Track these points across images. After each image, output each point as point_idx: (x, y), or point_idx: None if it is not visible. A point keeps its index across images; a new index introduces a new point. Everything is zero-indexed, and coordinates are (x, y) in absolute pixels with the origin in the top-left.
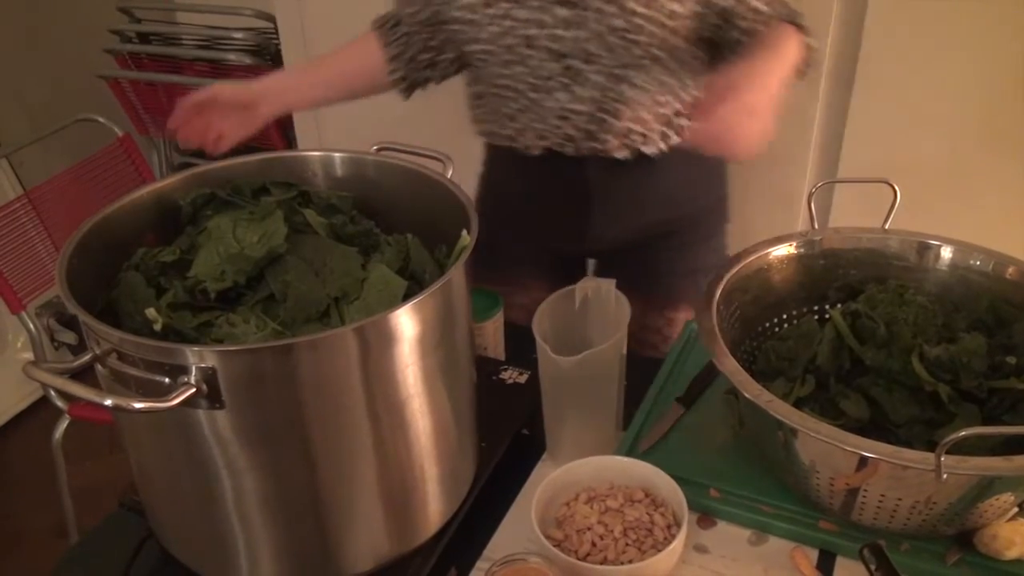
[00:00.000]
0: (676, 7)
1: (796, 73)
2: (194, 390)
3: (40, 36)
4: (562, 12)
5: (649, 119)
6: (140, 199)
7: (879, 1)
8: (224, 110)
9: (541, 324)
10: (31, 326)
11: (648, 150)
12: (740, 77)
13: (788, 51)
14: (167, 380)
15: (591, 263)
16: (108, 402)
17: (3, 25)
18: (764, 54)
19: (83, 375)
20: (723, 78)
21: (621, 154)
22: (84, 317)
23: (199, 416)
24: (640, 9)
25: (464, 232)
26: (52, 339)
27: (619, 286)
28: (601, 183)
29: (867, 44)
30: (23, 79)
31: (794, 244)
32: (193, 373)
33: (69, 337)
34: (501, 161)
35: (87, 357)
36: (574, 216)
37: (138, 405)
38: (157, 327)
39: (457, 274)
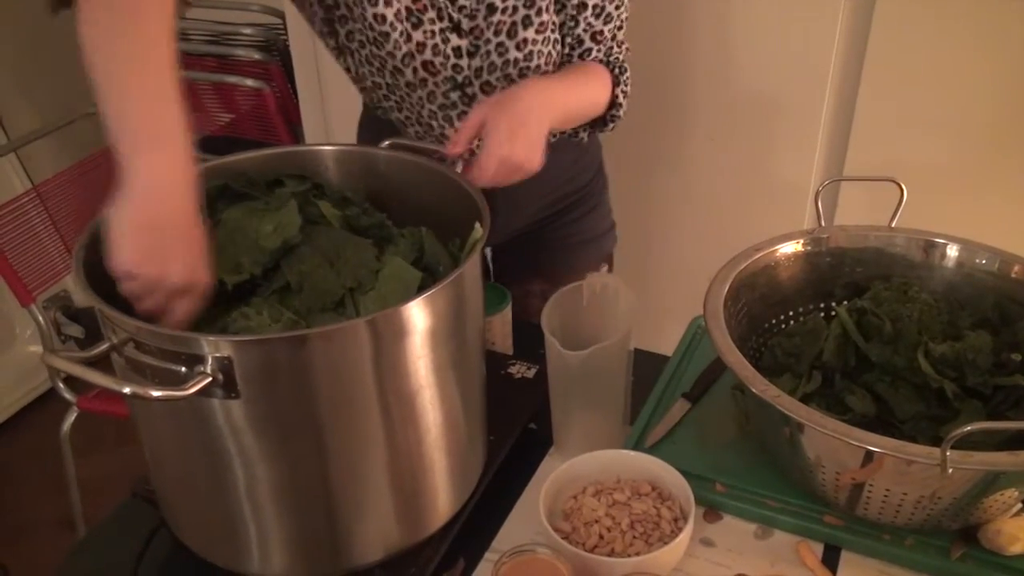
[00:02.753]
0: (560, 19)
1: (590, 118)
2: (210, 379)
3: (48, 30)
4: (457, 41)
5: None
6: None
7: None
8: None
9: (550, 319)
10: (40, 319)
11: None
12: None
13: (596, 87)
14: (183, 369)
15: (487, 251)
16: (127, 390)
17: (11, 19)
18: (569, 78)
19: (96, 365)
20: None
21: None
22: (101, 306)
23: (214, 405)
24: (533, 36)
25: (477, 224)
26: (59, 332)
27: (519, 268)
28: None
29: (874, 42)
30: (31, 73)
31: (801, 242)
32: (209, 363)
33: (75, 331)
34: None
35: (104, 346)
36: None
37: (155, 393)
38: None
39: (471, 267)
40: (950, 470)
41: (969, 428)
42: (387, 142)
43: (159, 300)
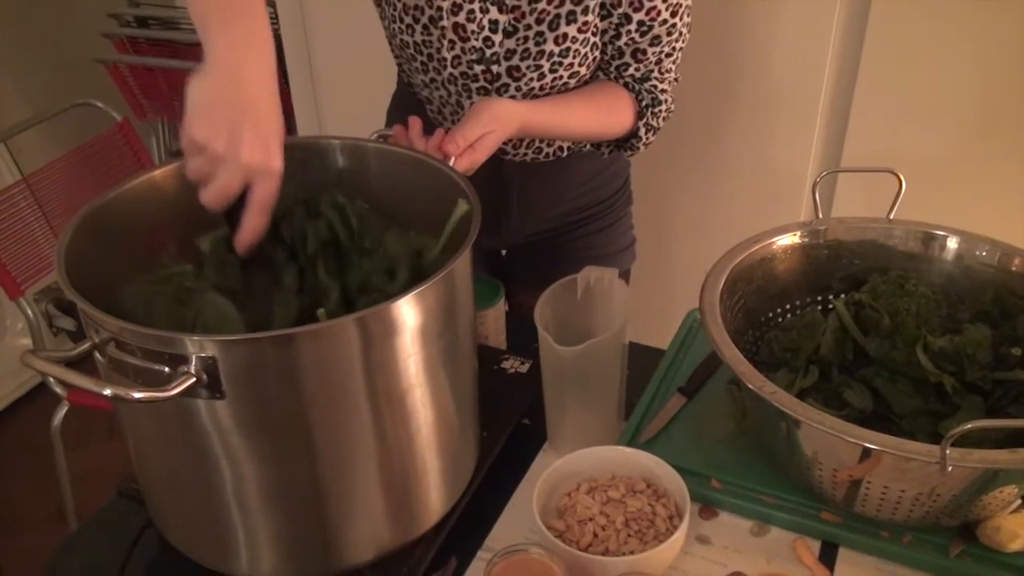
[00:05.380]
0: (603, 25)
1: (584, 141)
2: (194, 380)
3: (38, 20)
4: (496, 15)
5: None
6: (139, 185)
7: None
8: None
9: (543, 313)
10: (29, 312)
11: (547, 158)
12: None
13: (595, 117)
14: (167, 369)
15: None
16: (107, 392)
17: (1, 9)
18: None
19: (82, 362)
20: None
21: (525, 157)
22: (83, 304)
23: (199, 406)
24: (574, 34)
25: (460, 200)
26: (51, 325)
27: (532, 276)
28: (516, 178)
29: (871, 33)
30: (21, 63)
31: (798, 234)
32: (193, 363)
33: (68, 323)
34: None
35: (86, 345)
36: (490, 210)
37: (137, 395)
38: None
39: (461, 263)
40: (950, 468)
41: (969, 426)
42: (375, 133)
43: (228, 180)
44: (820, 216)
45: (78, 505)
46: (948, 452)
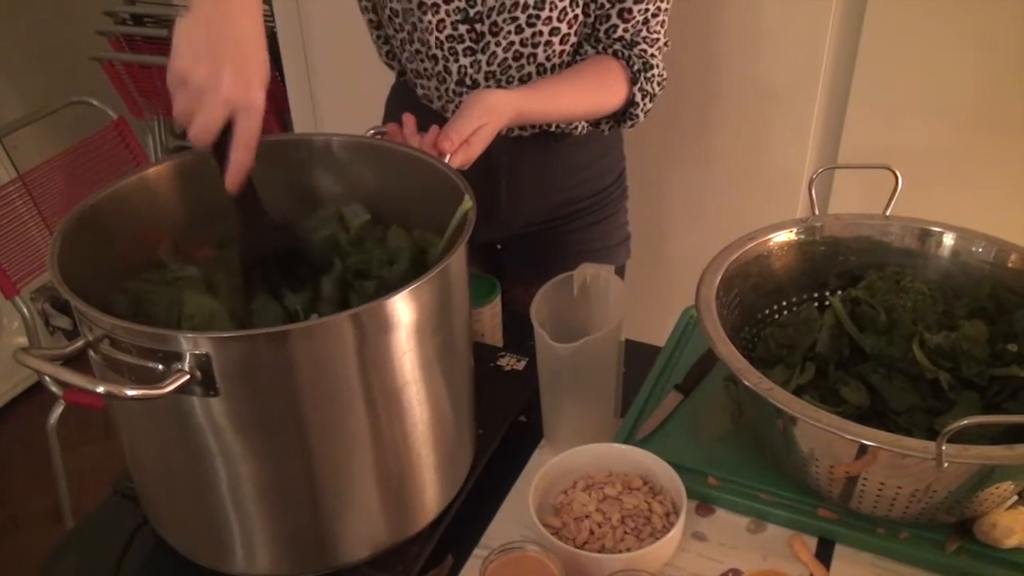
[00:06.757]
0: None
1: (583, 119)
2: (188, 377)
3: (34, 18)
4: None
5: None
6: (134, 182)
7: None
8: None
9: (539, 311)
10: (25, 311)
11: (534, 128)
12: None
13: (585, 93)
14: (160, 367)
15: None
16: (100, 389)
17: None
18: (570, 82)
19: (78, 360)
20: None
21: (510, 132)
22: (76, 302)
23: (193, 403)
24: None
25: (466, 196)
26: (47, 324)
27: (526, 270)
28: (507, 160)
29: (868, 28)
30: (17, 61)
31: (795, 230)
32: (187, 360)
33: (64, 322)
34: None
35: (80, 343)
36: (480, 198)
37: (131, 392)
38: None
39: (457, 259)
40: (946, 464)
41: (965, 422)
42: (372, 130)
43: (210, 113)
44: (816, 212)
45: (74, 503)
46: (944, 448)
